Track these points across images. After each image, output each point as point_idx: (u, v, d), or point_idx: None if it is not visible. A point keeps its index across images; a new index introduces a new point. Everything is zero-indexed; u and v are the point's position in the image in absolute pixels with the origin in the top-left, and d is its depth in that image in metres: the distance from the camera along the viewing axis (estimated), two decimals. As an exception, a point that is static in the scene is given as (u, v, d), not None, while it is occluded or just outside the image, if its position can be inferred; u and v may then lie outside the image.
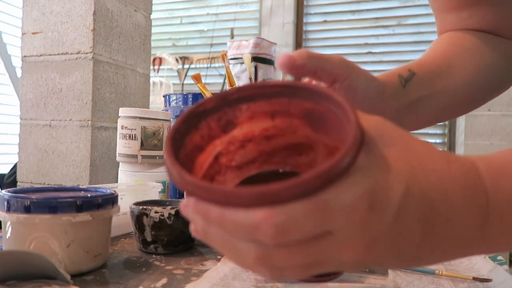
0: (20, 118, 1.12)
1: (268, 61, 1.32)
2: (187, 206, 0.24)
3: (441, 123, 2.39)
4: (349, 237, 0.22)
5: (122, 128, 0.84)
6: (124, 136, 0.83)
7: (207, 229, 0.23)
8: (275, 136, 0.29)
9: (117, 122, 0.87)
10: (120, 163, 0.87)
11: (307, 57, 0.31)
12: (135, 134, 0.82)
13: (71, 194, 0.50)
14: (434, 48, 0.49)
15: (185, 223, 0.58)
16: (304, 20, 2.71)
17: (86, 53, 1.04)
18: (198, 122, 0.27)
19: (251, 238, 0.22)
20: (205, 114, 0.28)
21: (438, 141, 2.47)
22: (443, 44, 0.49)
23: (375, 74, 0.40)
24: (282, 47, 2.62)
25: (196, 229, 0.24)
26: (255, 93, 0.28)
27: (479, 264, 0.53)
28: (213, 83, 2.77)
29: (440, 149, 0.26)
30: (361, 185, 0.22)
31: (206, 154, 0.28)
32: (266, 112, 0.28)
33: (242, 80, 1.30)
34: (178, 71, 2.88)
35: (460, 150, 2.32)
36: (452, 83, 0.45)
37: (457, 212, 0.24)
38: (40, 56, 1.09)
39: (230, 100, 0.28)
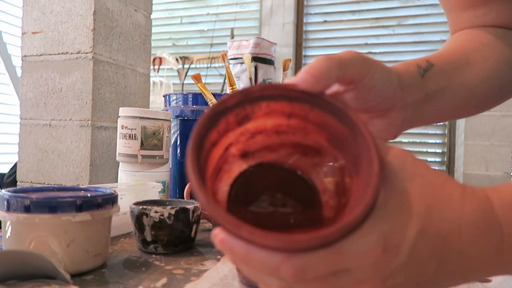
0: (20, 118, 1.12)
1: (268, 61, 1.32)
2: (216, 237, 0.25)
3: (441, 123, 2.39)
4: (365, 275, 0.24)
5: (122, 128, 0.84)
6: (124, 136, 0.83)
7: (234, 261, 0.25)
8: (286, 133, 0.30)
9: (117, 122, 0.87)
10: (120, 163, 0.87)
11: (330, 69, 0.28)
12: (135, 134, 0.82)
13: (71, 193, 0.50)
14: (450, 44, 0.48)
15: (185, 223, 0.58)
16: (304, 20, 2.71)
17: (86, 53, 1.03)
18: (218, 120, 0.27)
19: (274, 275, 0.24)
20: (226, 111, 0.28)
21: (438, 141, 2.47)
22: (460, 40, 0.48)
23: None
24: (282, 47, 2.62)
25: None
26: (279, 93, 0.28)
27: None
28: (213, 83, 2.77)
29: (455, 180, 0.27)
30: (376, 231, 0.23)
31: (219, 147, 0.28)
32: (284, 112, 0.29)
33: (242, 80, 1.29)
34: (178, 71, 2.88)
35: (460, 150, 2.32)
36: (470, 77, 0.44)
37: (471, 245, 0.25)
38: (40, 55, 1.09)
39: (252, 97, 0.28)
